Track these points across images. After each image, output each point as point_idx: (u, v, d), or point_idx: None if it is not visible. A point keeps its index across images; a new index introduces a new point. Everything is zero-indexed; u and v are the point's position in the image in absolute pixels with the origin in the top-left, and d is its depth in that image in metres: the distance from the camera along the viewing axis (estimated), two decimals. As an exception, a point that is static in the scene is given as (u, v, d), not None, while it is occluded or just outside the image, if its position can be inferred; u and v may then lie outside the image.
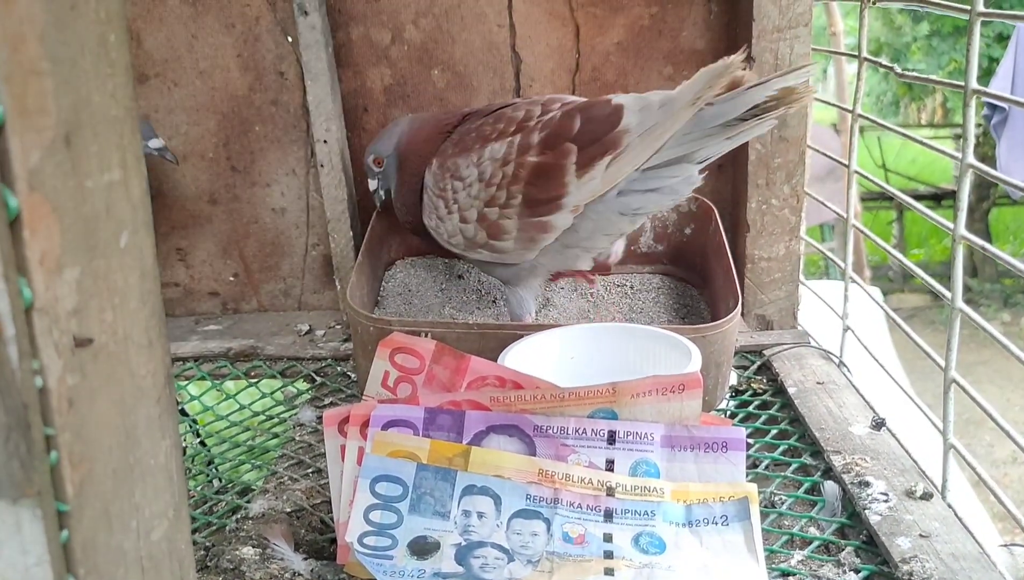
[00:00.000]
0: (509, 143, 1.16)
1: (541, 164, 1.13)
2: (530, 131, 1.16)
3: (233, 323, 1.53)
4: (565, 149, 1.11)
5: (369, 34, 1.45)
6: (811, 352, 1.30)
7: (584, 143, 1.10)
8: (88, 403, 0.52)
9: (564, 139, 1.12)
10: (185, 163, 1.50)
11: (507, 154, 1.16)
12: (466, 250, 1.24)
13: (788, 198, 1.39)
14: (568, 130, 1.12)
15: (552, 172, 1.12)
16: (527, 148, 1.15)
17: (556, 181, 1.12)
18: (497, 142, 1.18)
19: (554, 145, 1.13)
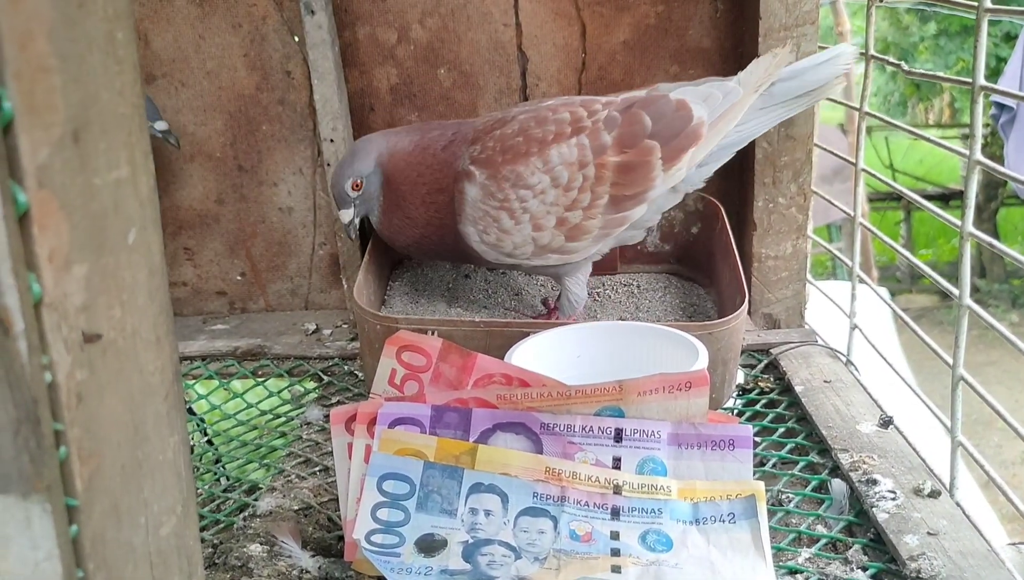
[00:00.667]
0: (579, 145, 1.17)
1: (627, 162, 1.17)
2: (595, 132, 1.18)
3: (240, 322, 1.53)
4: (648, 146, 1.17)
5: (375, 33, 1.45)
6: (818, 351, 1.30)
7: (665, 138, 1.17)
8: (97, 399, 0.52)
9: (641, 137, 1.17)
10: (192, 163, 1.51)
11: (582, 157, 1.17)
12: (530, 258, 1.23)
13: (795, 197, 1.39)
14: (642, 128, 1.18)
15: (640, 168, 1.17)
16: (603, 149, 1.17)
17: (644, 177, 1.17)
18: (560, 145, 1.18)
19: (633, 143, 1.17)
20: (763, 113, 1.23)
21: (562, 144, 1.18)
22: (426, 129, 1.27)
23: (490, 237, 1.21)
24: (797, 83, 1.22)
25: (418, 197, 1.24)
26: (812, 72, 1.22)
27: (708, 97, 1.19)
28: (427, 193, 1.23)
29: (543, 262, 1.24)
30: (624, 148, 1.17)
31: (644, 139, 1.17)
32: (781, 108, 1.24)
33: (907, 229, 8.59)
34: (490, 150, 1.20)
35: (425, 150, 1.24)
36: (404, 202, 1.25)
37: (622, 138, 1.17)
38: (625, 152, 1.17)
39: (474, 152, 1.21)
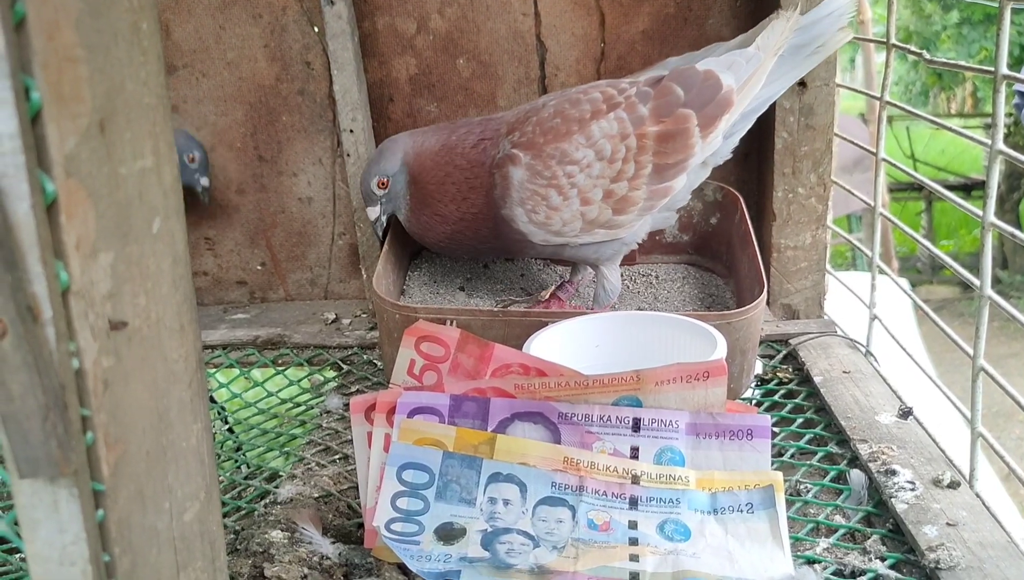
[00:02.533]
0: (617, 119, 1.20)
1: (666, 131, 1.19)
2: (631, 105, 1.20)
3: (261, 312, 1.54)
4: (684, 114, 1.19)
5: (395, 24, 1.45)
6: (837, 341, 1.30)
7: (698, 106, 1.19)
8: (123, 385, 0.53)
9: (676, 106, 1.19)
10: (213, 153, 1.51)
11: (622, 129, 1.19)
12: (579, 234, 1.24)
13: (815, 187, 1.38)
14: (676, 97, 1.19)
15: (679, 136, 1.19)
16: (641, 120, 1.19)
17: (684, 144, 1.19)
18: (599, 120, 1.20)
19: (668, 112, 1.19)
20: (779, 75, 1.25)
21: (601, 119, 1.20)
22: (453, 128, 1.28)
23: (539, 216, 1.22)
24: (806, 38, 1.23)
25: (448, 195, 1.26)
26: (817, 27, 1.23)
27: (732, 64, 1.21)
28: (457, 191, 1.25)
29: (591, 239, 1.24)
30: (661, 118, 1.19)
31: (679, 108, 1.19)
32: (794, 68, 1.26)
33: (928, 220, 8.52)
34: (530, 134, 1.22)
35: (452, 149, 1.25)
36: (432, 200, 1.27)
37: (658, 109, 1.19)
38: (663, 121, 1.19)
39: (514, 139, 1.23)
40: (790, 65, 1.25)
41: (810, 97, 1.35)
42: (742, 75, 1.21)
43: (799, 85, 1.34)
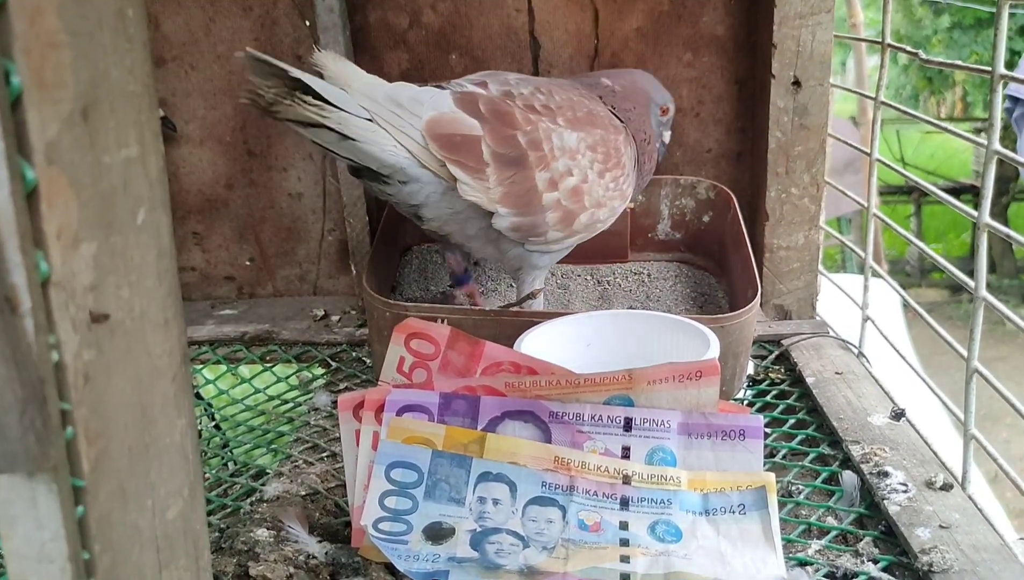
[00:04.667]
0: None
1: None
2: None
3: (249, 308, 1.53)
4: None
5: (387, 18, 1.44)
6: (830, 342, 1.29)
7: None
8: (104, 379, 0.51)
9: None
10: (202, 147, 1.50)
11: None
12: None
13: (808, 187, 1.38)
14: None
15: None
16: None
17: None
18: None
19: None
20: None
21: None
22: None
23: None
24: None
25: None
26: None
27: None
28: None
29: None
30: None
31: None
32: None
33: (917, 223, 8.55)
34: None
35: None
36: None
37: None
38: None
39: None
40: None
41: (804, 97, 1.34)
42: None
43: (794, 85, 1.34)
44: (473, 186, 1.08)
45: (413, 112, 1.05)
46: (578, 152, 1.16)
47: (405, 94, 1.06)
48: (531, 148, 1.12)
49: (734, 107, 1.46)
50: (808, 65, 1.33)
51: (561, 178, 1.14)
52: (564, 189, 1.15)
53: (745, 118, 1.46)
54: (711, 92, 1.45)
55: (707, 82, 1.45)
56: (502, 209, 1.11)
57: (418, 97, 1.07)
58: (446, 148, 1.05)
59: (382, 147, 1.02)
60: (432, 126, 1.05)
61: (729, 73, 1.45)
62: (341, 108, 0.99)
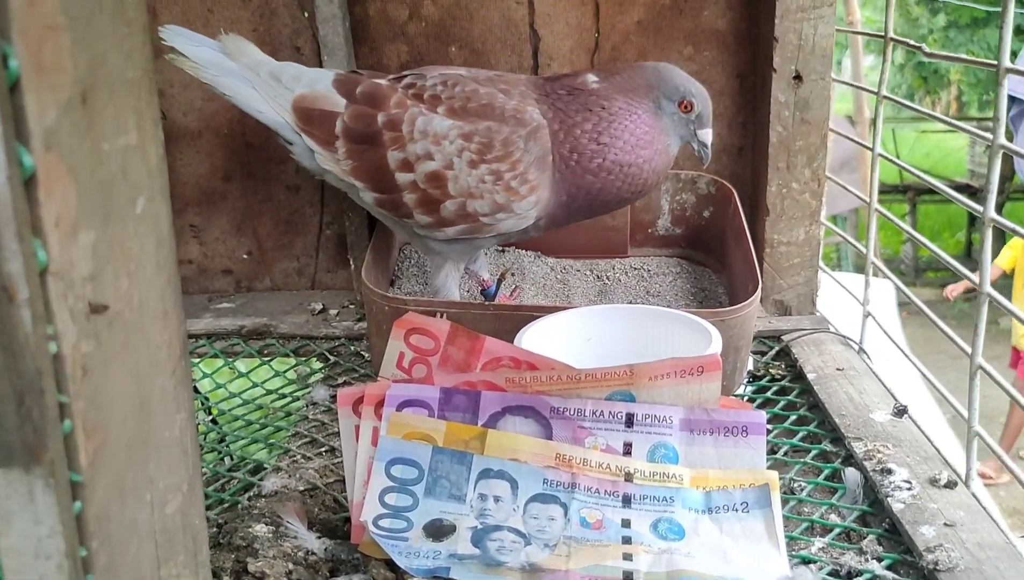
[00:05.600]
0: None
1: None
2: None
3: (246, 301, 1.52)
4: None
5: (386, 9, 1.43)
6: (830, 338, 1.28)
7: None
8: (103, 372, 0.50)
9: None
10: (199, 139, 1.49)
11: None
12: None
13: (809, 182, 1.37)
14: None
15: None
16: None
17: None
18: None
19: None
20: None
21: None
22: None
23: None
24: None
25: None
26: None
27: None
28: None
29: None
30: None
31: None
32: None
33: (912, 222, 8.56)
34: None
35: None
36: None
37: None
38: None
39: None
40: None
41: (806, 91, 1.33)
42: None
43: (795, 79, 1.33)
44: (324, 156, 1.18)
45: (288, 87, 1.18)
46: (445, 138, 1.16)
47: (288, 72, 1.20)
48: (388, 128, 1.16)
49: (735, 101, 1.45)
50: (809, 59, 1.32)
51: (418, 161, 1.16)
52: (421, 172, 1.16)
53: (746, 112, 1.45)
54: (712, 86, 1.44)
55: (708, 76, 1.44)
56: (356, 182, 1.19)
57: (299, 75, 1.20)
58: (302, 120, 1.18)
59: (256, 108, 1.19)
60: (298, 101, 1.18)
61: (730, 67, 1.44)
62: (218, 71, 1.19)
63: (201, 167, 1.50)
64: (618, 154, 1.15)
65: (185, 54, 1.19)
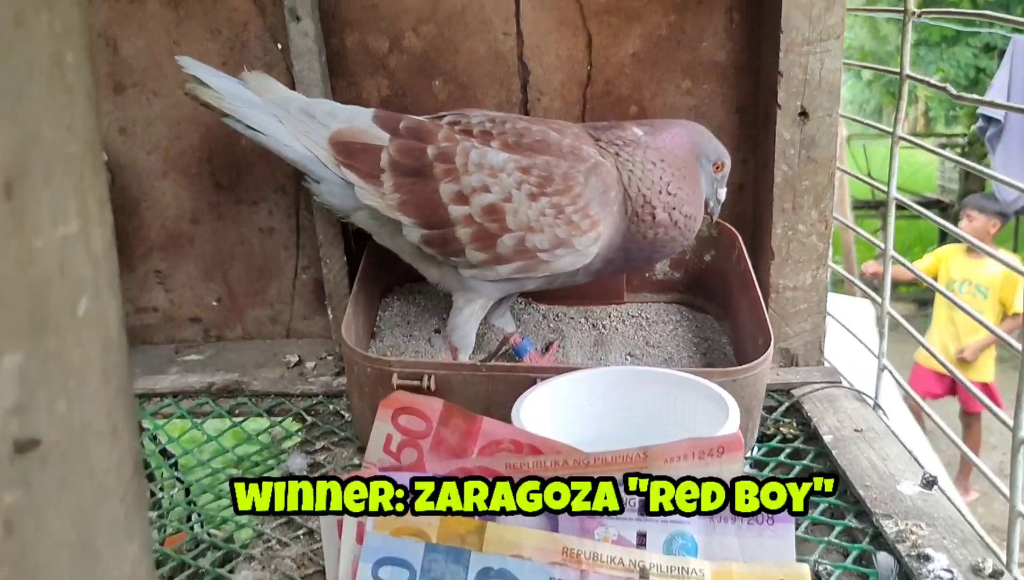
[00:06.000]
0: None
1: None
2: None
3: (216, 352, 1.42)
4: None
5: (366, 41, 1.34)
6: (844, 393, 1.20)
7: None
8: (33, 523, 0.41)
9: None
10: (165, 179, 1.39)
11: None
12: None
13: (816, 224, 1.29)
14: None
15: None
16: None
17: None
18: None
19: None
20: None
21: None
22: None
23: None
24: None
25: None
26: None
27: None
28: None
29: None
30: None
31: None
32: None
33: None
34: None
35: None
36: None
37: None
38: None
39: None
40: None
41: (812, 128, 1.26)
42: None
43: (800, 115, 1.25)
44: (367, 190, 1.12)
45: (323, 123, 1.14)
46: (502, 170, 1.11)
47: (322, 108, 1.16)
48: (439, 160, 1.11)
49: (735, 137, 1.37)
50: (816, 94, 1.25)
51: (473, 193, 1.10)
52: (477, 204, 1.10)
53: (747, 149, 1.37)
54: (711, 121, 1.36)
55: (707, 110, 1.36)
56: (403, 218, 1.12)
57: (333, 111, 1.16)
58: (342, 153, 1.12)
59: (283, 143, 1.14)
60: (336, 135, 1.13)
61: (730, 101, 1.36)
62: (242, 103, 1.14)
63: (167, 209, 1.40)
64: (687, 207, 1.15)
65: (208, 83, 1.14)
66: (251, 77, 1.16)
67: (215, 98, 1.14)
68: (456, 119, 1.16)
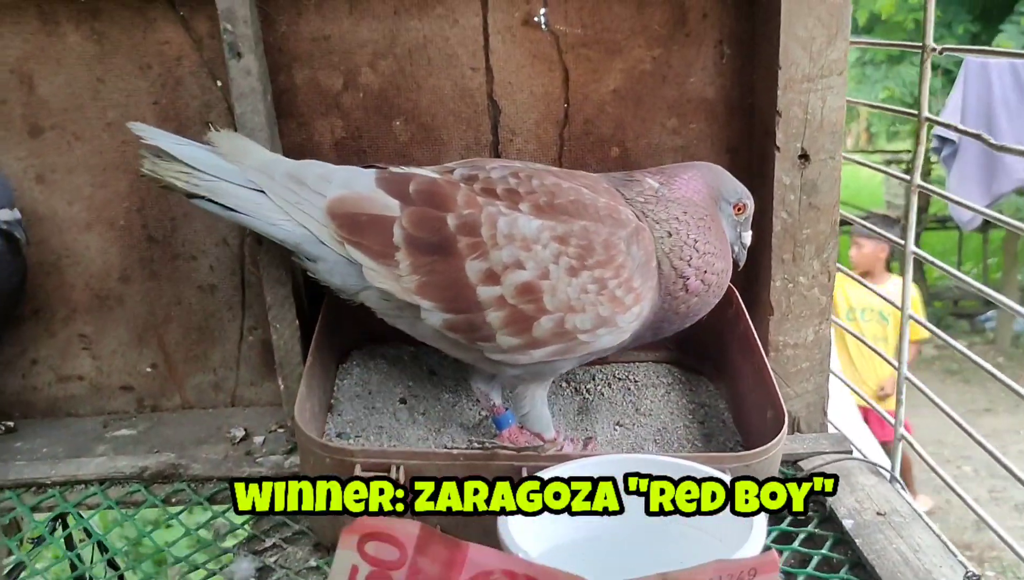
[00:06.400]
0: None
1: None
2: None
3: (151, 426, 1.26)
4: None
5: (317, 78, 1.20)
6: (858, 466, 1.09)
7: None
8: None
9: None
10: (89, 232, 1.23)
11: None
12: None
13: (818, 275, 1.18)
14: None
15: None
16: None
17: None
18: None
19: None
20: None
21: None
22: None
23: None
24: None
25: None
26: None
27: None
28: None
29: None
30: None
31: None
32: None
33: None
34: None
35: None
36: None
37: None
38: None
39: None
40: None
41: (813, 172, 1.15)
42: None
43: (801, 158, 1.14)
44: (379, 271, 0.97)
45: (317, 190, 0.98)
46: (536, 242, 0.96)
47: (313, 172, 1.00)
48: (463, 233, 0.97)
49: (725, 180, 1.26)
50: (818, 136, 1.14)
51: (505, 270, 0.96)
52: (510, 284, 0.96)
53: (739, 193, 1.26)
54: (699, 163, 1.25)
55: (695, 151, 1.24)
56: (423, 302, 0.97)
57: (327, 175, 1.00)
58: (346, 228, 0.97)
59: (271, 222, 0.98)
60: (335, 205, 0.98)
61: (720, 141, 1.24)
62: (216, 176, 0.98)
63: (92, 266, 1.24)
64: (717, 262, 1.04)
65: (174, 154, 0.98)
66: (220, 138, 1.01)
67: (182, 175, 0.98)
68: (471, 172, 1.01)
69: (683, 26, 1.20)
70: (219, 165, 0.99)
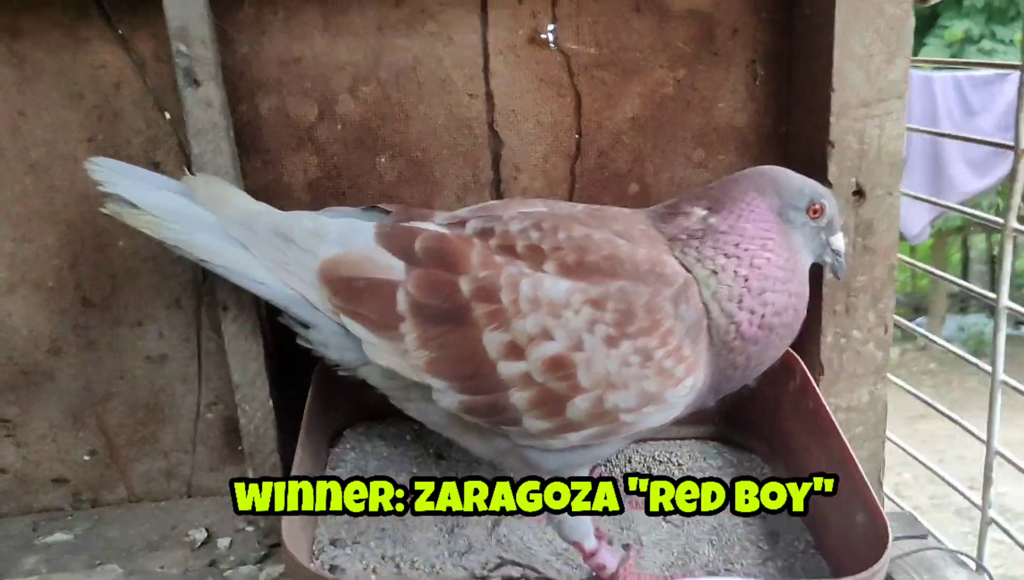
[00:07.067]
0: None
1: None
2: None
3: (90, 527, 1.05)
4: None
5: (286, 107, 1.01)
6: (940, 557, 0.94)
7: None
8: None
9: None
10: (12, 296, 1.02)
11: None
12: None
13: (874, 328, 1.04)
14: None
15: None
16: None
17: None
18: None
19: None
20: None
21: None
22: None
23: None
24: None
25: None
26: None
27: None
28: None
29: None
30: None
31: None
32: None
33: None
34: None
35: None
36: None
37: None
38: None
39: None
40: None
41: (869, 211, 1.00)
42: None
43: (855, 194, 0.99)
44: (381, 346, 0.82)
45: (307, 248, 0.85)
46: (567, 307, 0.80)
47: (302, 225, 0.86)
48: (479, 299, 0.82)
49: (756, 217, 1.10)
50: (875, 169, 1.00)
51: (531, 342, 0.80)
52: (537, 358, 0.80)
53: (772, 232, 1.10)
54: (728, 199, 1.09)
55: (724, 187, 1.08)
56: (434, 381, 0.82)
57: (319, 230, 0.86)
58: (342, 295, 0.83)
59: (253, 278, 0.85)
60: (328, 268, 0.84)
61: (752, 175, 1.09)
62: (190, 229, 0.86)
63: (15, 336, 1.03)
64: (778, 301, 0.84)
65: (136, 203, 0.85)
66: (196, 182, 0.88)
67: (150, 224, 0.85)
68: (486, 224, 0.84)
69: (710, 44, 1.05)
70: (194, 215, 0.86)
